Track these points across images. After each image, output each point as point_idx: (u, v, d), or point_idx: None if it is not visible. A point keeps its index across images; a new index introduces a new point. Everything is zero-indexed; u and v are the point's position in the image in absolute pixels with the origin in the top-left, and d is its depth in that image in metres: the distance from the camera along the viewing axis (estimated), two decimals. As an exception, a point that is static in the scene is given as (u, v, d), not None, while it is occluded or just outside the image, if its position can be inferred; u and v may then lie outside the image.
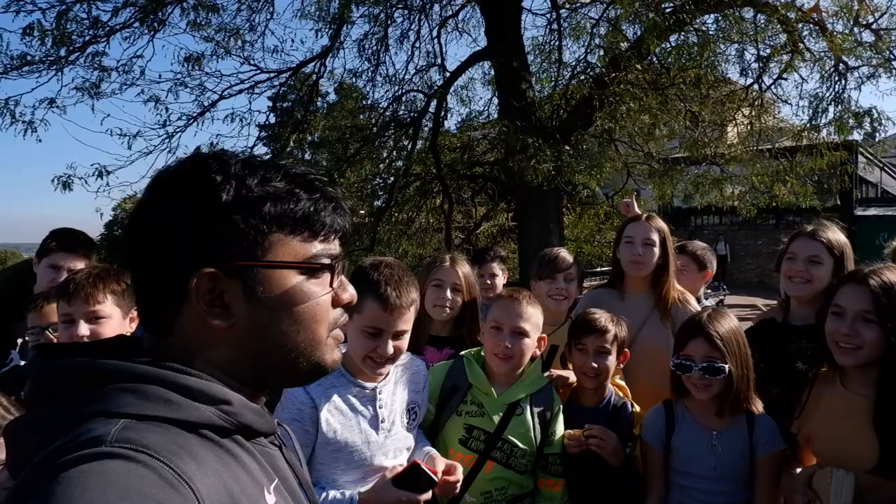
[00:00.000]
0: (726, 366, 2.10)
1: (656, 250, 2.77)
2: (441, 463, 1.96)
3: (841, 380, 1.99)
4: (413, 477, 1.73)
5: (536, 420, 2.18)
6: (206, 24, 9.59)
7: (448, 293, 2.63)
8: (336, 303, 0.92)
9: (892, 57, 8.56)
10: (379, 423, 1.91)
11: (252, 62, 10.08)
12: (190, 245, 0.81)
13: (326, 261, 0.89)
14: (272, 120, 13.90)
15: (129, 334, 2.10)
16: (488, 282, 3.43)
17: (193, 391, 0.77)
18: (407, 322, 1.87)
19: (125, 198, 10.03)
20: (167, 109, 9.63)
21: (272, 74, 10.36)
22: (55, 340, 2.16)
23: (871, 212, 18.40)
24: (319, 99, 12.21)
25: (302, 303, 0.86)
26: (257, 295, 0.83)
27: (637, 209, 4.01)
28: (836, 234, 2.43)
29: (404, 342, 1.90)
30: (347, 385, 1.91)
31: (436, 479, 1.75)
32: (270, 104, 13.49)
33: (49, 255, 2.74)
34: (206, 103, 9.86)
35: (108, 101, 9.25)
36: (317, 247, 0.88)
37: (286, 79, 10.71)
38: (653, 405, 2.32)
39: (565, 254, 2.98)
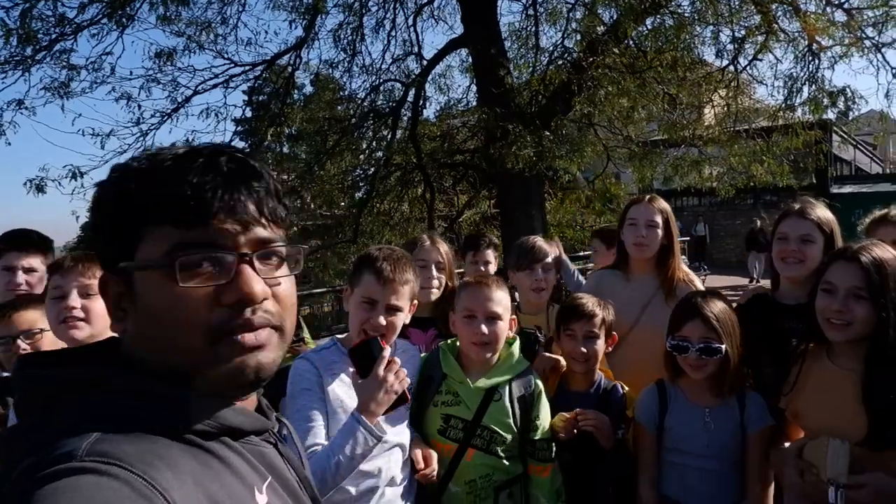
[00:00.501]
0: (722, 346, 2.12)
1: (660, 231, 2.78)
2: (418, 450, 2.02)
3: (828, 355, 2.01)
4: (364, 356, 1.75)
5: (516, 405, 2.16)
6: (176, 19, 9.44)
7: (434, 271, 2.68)
8: (223, 300, 0.76)
9: (864, 36, 8.67)
10: None
11: (225, 56, 9.97)
12: (95, 247, 0.82)
13: (198, 252, 0.75)
14: (248, 114, 13.72)
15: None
16: (482, 269, 3.41)
17: (171, 397, 0.75)
18: (400, 298, 1.96)
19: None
20: (140, 107, 9.51)
21: (247, 67, 10.24)
22: (28, 349, 2.11)
23: (847, 189, 18.72)
24: (296, 91, 12.08)
25: (162, 306, 0.75)
26: (135, 298, 0.77)
27: (560, 249, 3.42)
28: (824, 212, 2.43)
29: (398, 320, 1.97)
30: (347, 360, 1.93)
31: (377, 339, 1.79)
32: (246, 98, 13.28)
33: (2, 256, 2.65)
34: (179, 99, 9.73)
35: (79, 101, 9.17)
36: (183, 235, 0.75)
37: (261, 71, 10.59)
38: (650, 383, 2.33)
39: (541, 243, 2.96)
